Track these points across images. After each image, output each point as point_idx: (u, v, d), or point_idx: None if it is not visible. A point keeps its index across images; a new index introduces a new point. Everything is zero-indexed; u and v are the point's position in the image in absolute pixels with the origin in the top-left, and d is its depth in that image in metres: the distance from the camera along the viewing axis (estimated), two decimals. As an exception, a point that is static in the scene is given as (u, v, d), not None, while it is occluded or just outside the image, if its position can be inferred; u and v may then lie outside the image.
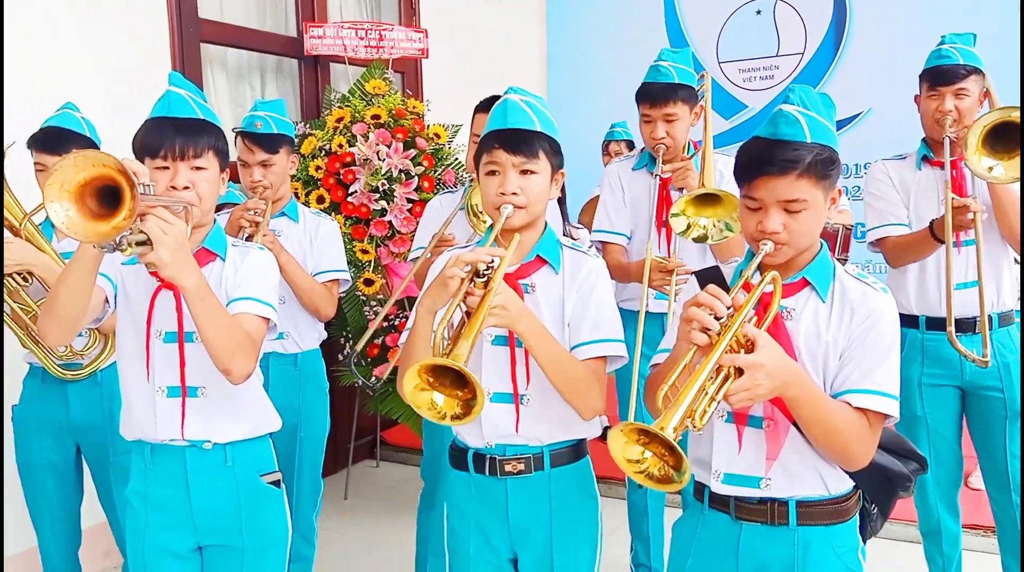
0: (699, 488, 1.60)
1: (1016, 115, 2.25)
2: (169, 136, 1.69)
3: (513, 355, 1.71)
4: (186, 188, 1.70)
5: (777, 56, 5.46)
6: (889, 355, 1.47)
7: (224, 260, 1.79)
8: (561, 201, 3.71)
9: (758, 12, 5.47)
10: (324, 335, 2.90)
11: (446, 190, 2.99)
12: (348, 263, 3.70)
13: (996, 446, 2.50)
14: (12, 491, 2.68)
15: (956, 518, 2.65)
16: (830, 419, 1.42)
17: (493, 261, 1.55)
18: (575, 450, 1.77)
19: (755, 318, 1.45)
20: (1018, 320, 2.58)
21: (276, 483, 1.87)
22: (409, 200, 3.77)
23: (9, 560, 3.11)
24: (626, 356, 1.74)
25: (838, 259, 3.05)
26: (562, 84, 6.05)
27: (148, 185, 1.50)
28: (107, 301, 1.74)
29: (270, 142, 2.72)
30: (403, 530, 3.07)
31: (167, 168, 1.70)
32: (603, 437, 1.39)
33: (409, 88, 4.77)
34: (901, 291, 2.58)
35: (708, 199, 2.32)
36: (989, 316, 2.46)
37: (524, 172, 1.69)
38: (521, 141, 1.69)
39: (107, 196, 1.39)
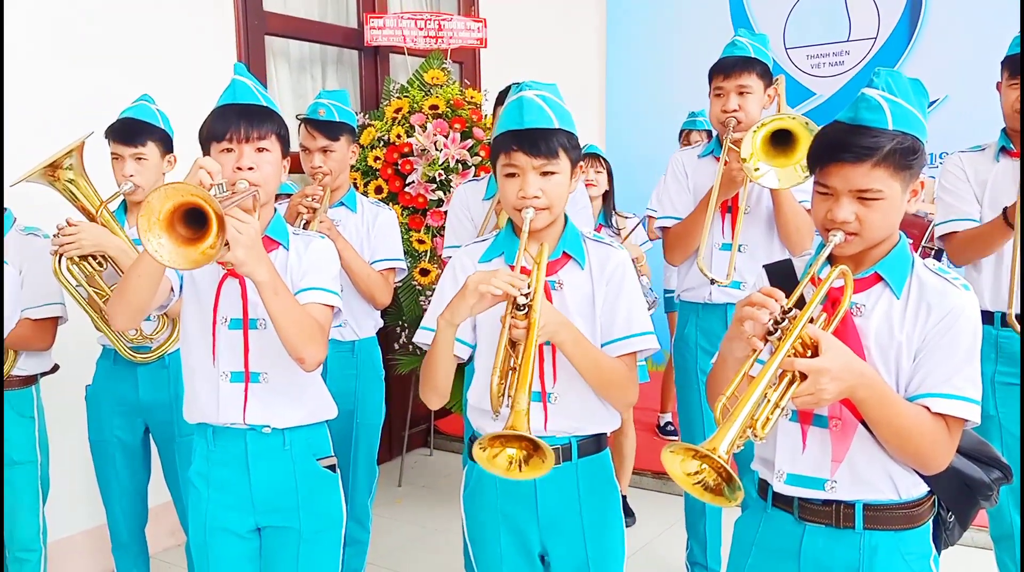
0: (763, 486, 1.56)
1: None
2: (234, 121, 1.75)
3: (541, 354, 1.69)
4: (251, 169, 1.75)
5: (848, 41, 5.27)
6: (970, 357, 1.39)
7: (287, 249, 1.83)
8: (607, 193, 3.70)
9: (828, -4, 5.28)
10: (380, 323, 2.93)
11: (471, 179, 2.99)
12: (404, 253, 3.74)
13: None
14: (84, 468, 2.79)
15: None
16: (903, 422, 1.35)
17: (530, 290, 1.53)
18: (597, 441, 1.77)
19: (824, 316, 1.39)
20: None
21: (332, 467, 1.90)
22: (457, 190, 3.76)
23: (80, 535, 3.25)
24: (657, 346, 1.72)
25: (927, 248, 2.94)
26: (622, 74, 5.96)
27: (221, 184, 1.56)
28: (173, 289, 1.79)
29: (331, 129, 2.75)
30: (455, 518, 3.09)
31: (232, 150, 1.75)
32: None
33: (467, 78, 4.77)
34: (975, 286, 2.45)
35: (780, 144, 2.26)
36: None
37: (545, 173, 1.66)
38: (540, 141, 1.65)
39: (194, 219, 1.44)
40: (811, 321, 1.35)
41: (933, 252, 2.91)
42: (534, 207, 1.66)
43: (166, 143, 2.55)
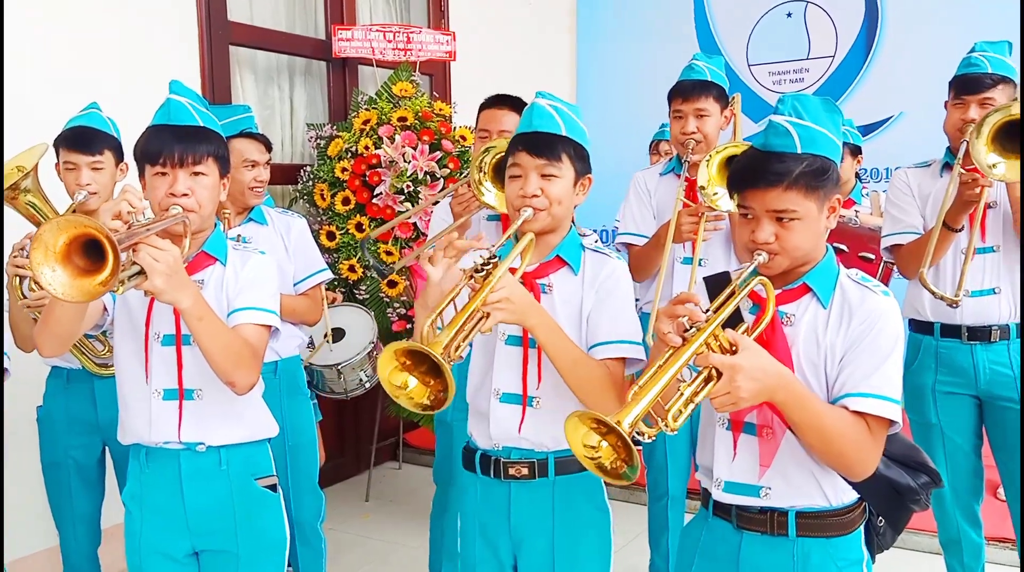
0: (705, 495, 1.60)
1: (1016, 110, 2.20)
2: (168, 143, 1.71)
3: (526, 355, 1.71)
4: (185, 195, 1.71)
5: (807, 59, 5.39)
6: (889, 358, 1.43)
7: (224, 264, 1.81)
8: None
9: (788, 15, 5.40)
10: (306, 340, 2.86)
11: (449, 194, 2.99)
12: (372, 265, 3.73)
13: (1014, 460, 2.45)
14: (35, 490, 2.71)
15: (978, 530, 2.59)
16: (825, 425, 1.38)
17: (494, 256, 1.54)
18: None
19: (747, 325, 1.44)
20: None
21: (272, 487, 1.87)
22: (436, 203, 3.77)
23: (31, 558, 3.15)
24: (645, 358, 1.71)
25: (888, 264, 3.02)
26: (592, 87, 6.02)
27: (140, 210, 1.56)
28: (106, 309, 1.77)
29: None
30: (422, 533, 3.07)
31: (166, 174, 1.72)
32: None
33: (437, 90, 4.78)
34: (917, 298, 2.54)
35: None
36: (1007, 326, 2.43)
37: (546, 176, 1.69)
38: (544, 144, 1.69)
39: (94, 250, 1.43)
40: (734, 328, 1.41)
41: (895, 266, 2.98)
42: (533, 207, 1.67)
43: (118, 151, 2.50)
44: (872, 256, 3.18)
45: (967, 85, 2.44)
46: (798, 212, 1.43)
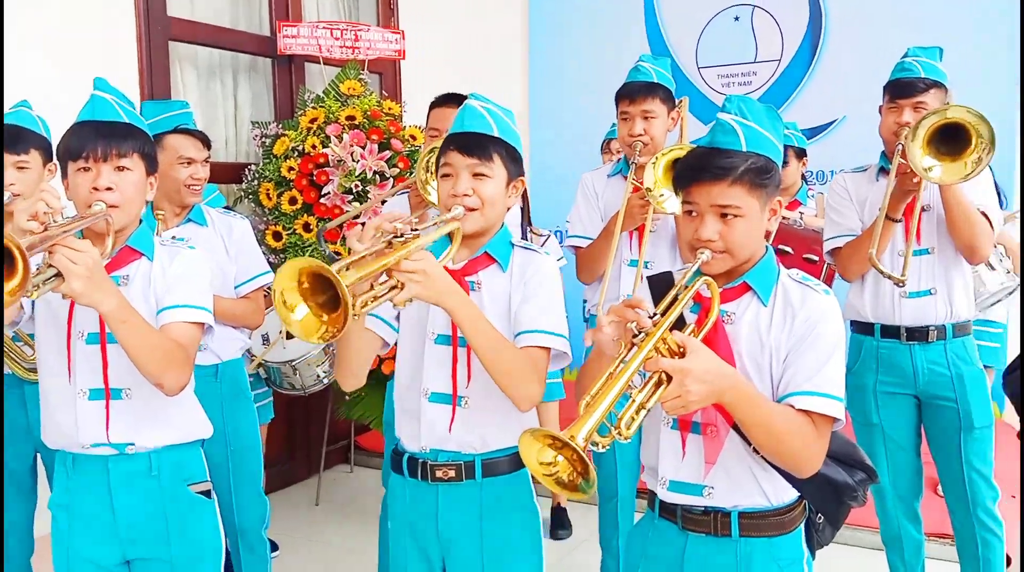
0: (651, 496, 1.61)
1: (952, 114, 2.25)
2: (91, 139, 1.68)
3: (455, 354, 1.69)
4: (108, 189, 1.67)
5: (755, 63, 5.47)
6: (832, 356, 1.45)
7: (151, 260, 1.76)
8: (522, 210, 3.72)
9: (736, 18, 5.48)
10: (248, 343, 2.82)
11: (401, 191, 2.97)
12: (328, 258, 3.67)
13: (952, 457, 2.51)
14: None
15: (918, 526, 2.65)
16: (772, 423, 1.40)
17: (417, 229, 1.51)
18: (512, 461, 1.74)
19: (693, 325, 1.45)
20: (991, 342, 2.59)
21: (206, 493, 1.82)
22: (384, 202, 3.72)
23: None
24: (570, 355, 1.72)
25: (832, 265, 3.07)
26: (544, 88, 6.03)
27: (57, 210, 1.50)
28: (22, 306, 1.71)
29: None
30: (373, 536, 3.03)
31: (89, 170, 1.68)
32: None
33: (387, 89, 4.73)
34: (857, 299, 2.59)
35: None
36: (943, 326, 2.48)
37: (477, 175, 1.69)
38: (475, 144, 1.69)
39: (5, 256, 1.37)
40: (680, 329, 1.42)
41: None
42: (464, 206, 1.66)
43: (47, 151, 2.42)
44: (816, 258, 3.23)
45: (901, 89, 2.49)
46: (742, 209, 1.46)
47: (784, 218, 3.59)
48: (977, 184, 2.39)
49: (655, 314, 1.37)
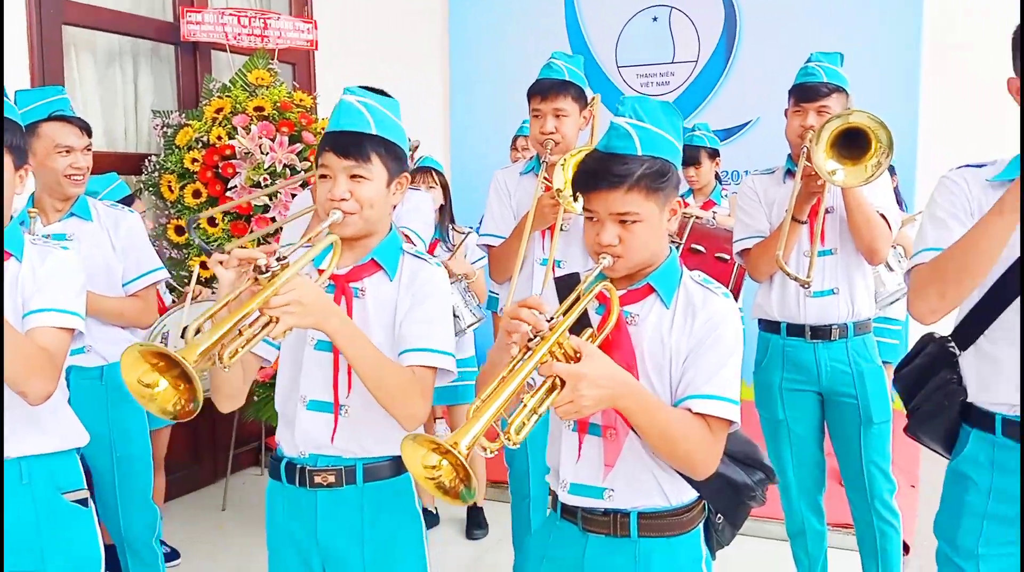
0: (554, 498, 1.60)
1: (855, 119, 2.30)
2: None
3: (336, 361, 1.63)
4: None
5: (673, 63, 5.54)
6: (729, 359, 1.47)
7: (20, 261, 1.65)
8: (443, 207, 3.68)
9: (654, 19, 5.53)
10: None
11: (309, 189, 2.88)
12: (198, 245, 3.51)
13: (852, 451, 2.58)
14: None
15: (820, 518, 2.71)
16: (668, 428, 1.41)
17: (283, 258, 1.44)
18: (395, 465, 1.69)
19: (592, 330, 1.45)
20: (891, 339, 2.66)
21: (82, 502, 1.74)
22: (293, 196, 3.60)
23: None
24: (455, 372, 1.68)
25: (740, 265, 3.12)
26: (465, 84, 5.97)
27: None
28: None
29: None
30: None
31: None
32: None
33: (300, 80, 4.58)
34: (765, 298, 2.63)
35: None
36: (845, 325, 2.54)
37: (355, 177, 1.62)
38: (352, 144, 1.61)
39: None
40: (585, 330, 1.42)
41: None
42: (341, 210, 1.60)
43: None
44: (728, 257, 3.27)
45: (805, 93, 2.54)
46: (640, 214, 1.45)
47: (697, 218, 3.63)
48: (877, 187, 2.46)
49: (552, 318, 1.34)
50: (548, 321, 1.33)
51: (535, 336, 1.31)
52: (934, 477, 1.83)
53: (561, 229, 2.59)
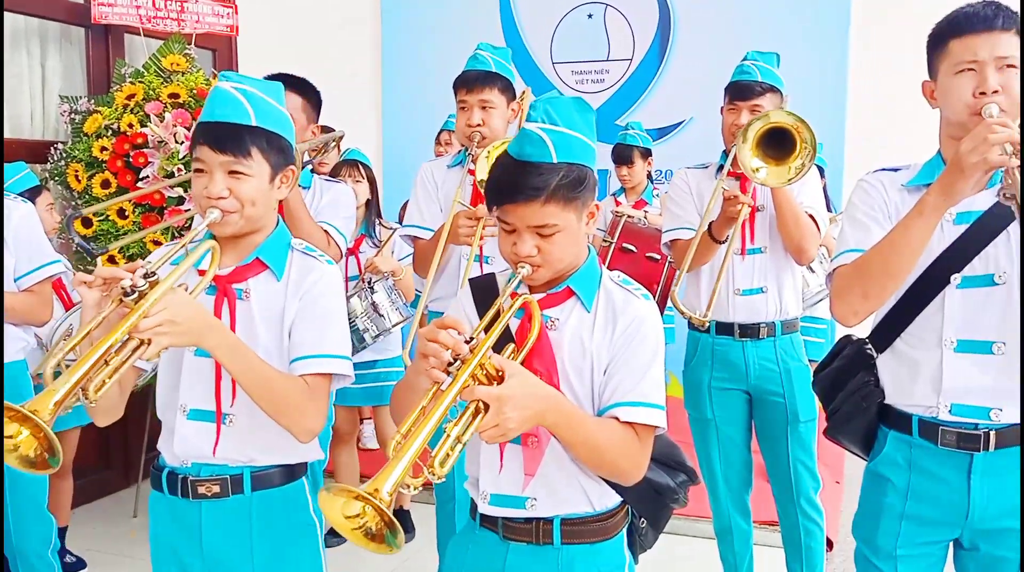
0: (473, 506, 1.53)
1: (776, 117, 2.30)
2: None
3: (218, 369, 1.52)
4: None
5: (608, 61, 5.52)
6: (653, 363, 1.43)
7: None
8: (369, 202, 3.57)
9: (589, 16, 5.50)
10: (31, 344, 2.51)
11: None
12: (138, 255, 3.34)
13: (779, 450, 2.58)
14: None
15: (747, 518, 2.71)
16: (594, 440, 1.37)
17: (151, 274, 1.34)
18: (287, 472, 1.60)
19: (512, 346, 1.39)
20: (816, 338, 2.67)
21: None
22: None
23: None
24: (352, 376, 1.59)
25: (671, 263, 3.10)
26: (397, 78, 5.83)
27: None
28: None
29: None
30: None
31: None
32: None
33: (221, 68, 4.40)
34: (695, 296, 2.62)
35: None
36: (773, 323, 2.54)
37: (234, 173, 1.51)
38: (229, 138, 1.49)
39: None
40: (499, 350, 1.36)
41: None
42: (220, 209, 1.49)
43: None
44: (658, 256, 3.27)
45: (739, 91, 2.53)
46: (558, 225, 1.39)
47: (629, 217, 3.62)
48: (805, 186, 2.46)
49: (471, 339, 1.27)
50: (468, 341, 1.25)
51: (455, 360, 1.23)
52: (859, 473, 1.82)
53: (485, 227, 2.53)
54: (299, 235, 2.32)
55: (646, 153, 4.30)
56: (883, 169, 1.72)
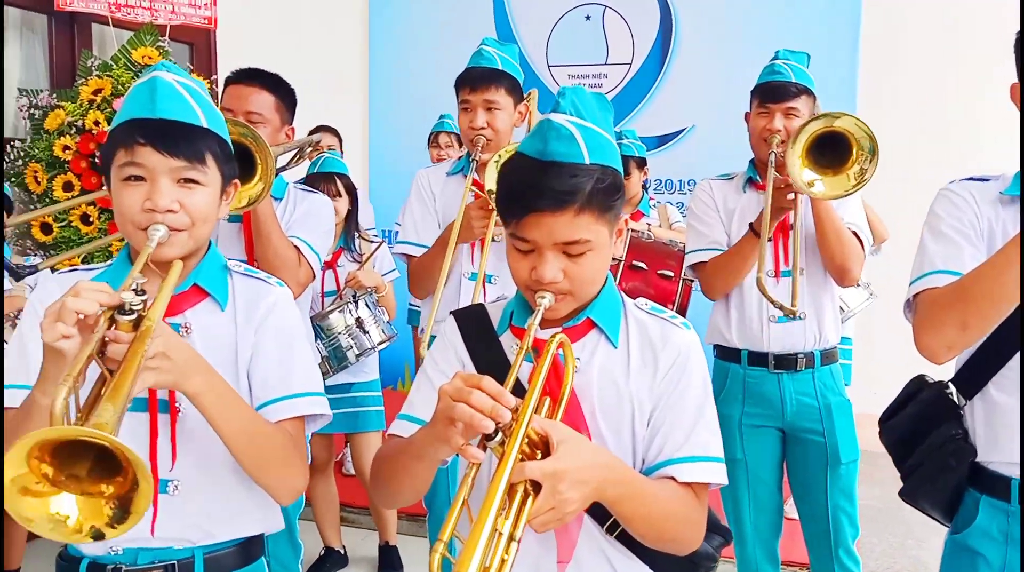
0: None
1: (841, 123, 2.08)
2: None
3: (154, 424, 1.25)
4: None
5: (606, 64, 5.30)
6: (705, 404, 1.21)
7: None
8: (350, 213, 3.31)
9: (587, 17, 5.28)
10: None
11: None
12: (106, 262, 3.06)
13: (816, 494, 2.33)
14: None
15: (776, 566, 2.46)
16: (657, 509, 1.14)
17: (142, 292, 1.09)
18: (244, 550, 1.33)
19: (547, 399, 1.13)
20: (842, 360, 2.44)
21: None
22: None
23: None
24: (329, 414, 1.35)
25: (687, 281, 2.86)
26: (385, 81, 5.59)
27: None
28: None
29: None
30: None
31: None
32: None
33: (199, 62, 4.14)
34: (723, 322, 2.38)
35: None
36: (812, 353, 2.31)
37: (185, 182, 1.24)
38: (181, 139, 1.22)
39: None
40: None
41: (695, 283, 2.82)
42: (166, 225, 1.21)
43: None
44: (671, 273, 3.02)
45: (772, 93, 2.30)
46: (591, 242, 1.14)
47: (634, 231, 3.37)
48: (846, 200, 2.23)
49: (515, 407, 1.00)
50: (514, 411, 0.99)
51: (497, 431, 0.98)
52: (874, 503, 1.57)
53: (493, 239, 2.28)
54: (266, 253, 2.05)
55: (641, 162, 4.07)
56: (969, 178, 1.48)
